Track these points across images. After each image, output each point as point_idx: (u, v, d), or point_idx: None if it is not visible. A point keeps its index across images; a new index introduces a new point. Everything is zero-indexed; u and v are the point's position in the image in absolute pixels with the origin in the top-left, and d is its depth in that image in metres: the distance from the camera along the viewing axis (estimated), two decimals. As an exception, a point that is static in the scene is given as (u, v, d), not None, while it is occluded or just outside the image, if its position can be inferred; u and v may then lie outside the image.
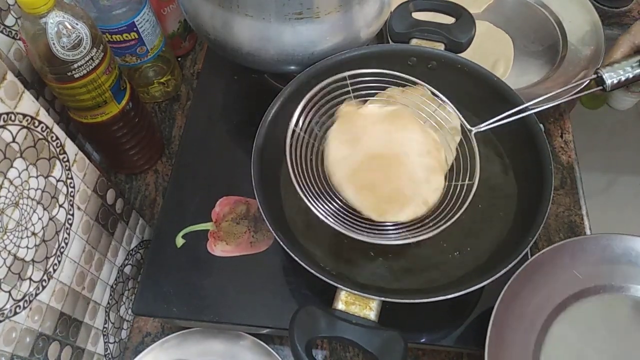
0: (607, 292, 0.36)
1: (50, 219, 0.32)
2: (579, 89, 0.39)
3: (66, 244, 0.34)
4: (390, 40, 0.42)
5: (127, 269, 0.43)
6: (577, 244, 0.36)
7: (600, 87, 0.36)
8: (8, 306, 0.29)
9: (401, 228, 0.32)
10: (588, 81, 0.38)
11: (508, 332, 0.33)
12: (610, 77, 0.35)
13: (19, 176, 0.29)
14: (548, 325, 0.34)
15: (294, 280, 0.37)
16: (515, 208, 0.36)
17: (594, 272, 0.36)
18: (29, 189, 0.30)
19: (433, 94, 0.35)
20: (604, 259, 0.36)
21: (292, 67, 0.39)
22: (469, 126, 0.34)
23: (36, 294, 0.31)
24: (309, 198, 0.31)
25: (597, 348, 0.34)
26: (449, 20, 0.41)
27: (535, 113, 0.35)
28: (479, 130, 0.34)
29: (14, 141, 0.28)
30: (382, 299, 0.29)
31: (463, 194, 0.32)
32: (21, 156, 0.29)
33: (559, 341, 0.34)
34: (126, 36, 0.45)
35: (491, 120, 0.34)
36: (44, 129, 0.31)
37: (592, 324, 0.35)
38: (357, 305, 0.29)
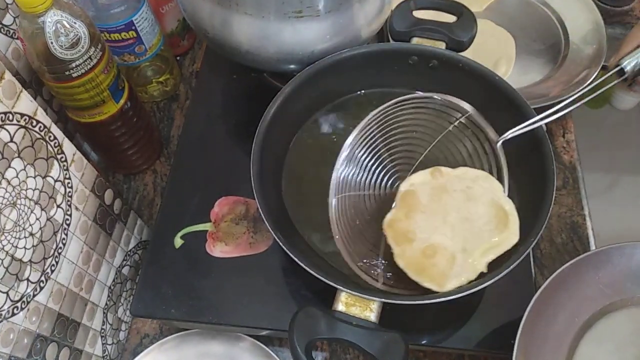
0: (635, 305, 0.33)
1: (48, 219, 0.31)
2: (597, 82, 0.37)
3: (64, 244, 0.33)
4: (391, 39, 0.41)
5: (125, 270, 0.43)
6: (601, 255, 0.34)
7: (623, 77, 0.36)
8: (6, 307, 0.28)
9: None
10: (609, 75, 0.37)
11: (534, 356, 0.31)
12: (630, 63, 0.35)
13: (17, 176, 0.29)
14: (575, 346, 0.32)
15: (294, 282, 0.37)
16: (517, 209, 0.35)
17: (619, 285, 0.33)
18: (26, 189, 0.30)
19: (449, 101, 0.34)
20: (630, 269, 0.33)
21: (292, 66, 0.39)
22: (493, 136, 0.33)
23: (34, 295, 0.31)
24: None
25: None
26: (450, 18, 0.41)
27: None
28: (505, 139, 0.32)
29: (11, 141, 0.28)
30: (383, 300, 0.29)
31: None
32: (19, 156, 0.29)
33: None
34: (124, 35, 0.45)
35: (516, 129, 0.32)
36: (41, 128, 0.31)
37: (621, 340, 0.32)
38: (357, 306, 0.29)
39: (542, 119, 0.33)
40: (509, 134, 0.33)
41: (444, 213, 0.31)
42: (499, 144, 0.33)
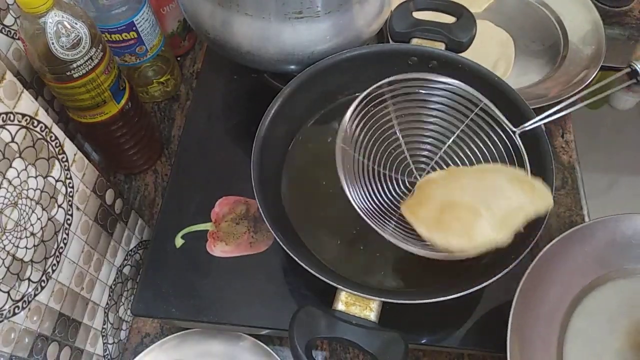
0: (622, 277, 0.33)
1: (49, 219, 0.32)
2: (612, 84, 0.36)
3: (65, 244, 0.33)
4: (390, 40, 0.41)
5: (126, 270, 0.43)
6: (585, 230, 0.34)
7: (634, 81, 0.35)
8: (7, 307, 0.28)
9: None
10: (621, 74, 0.36)
11: (528, 335, 0.31)
12: None
13: (18, 176, 0.29)
14: (567, 321, 0.33)
15: (294, 281, 0.37)
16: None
17: (605, 258, 0.34)
18: (27, 189, 0.30)
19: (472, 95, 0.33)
20: (614, 242, 0.34)
21: (292, 67, 0.39)
22: (512, 127, 0.32)
23: (35, 295, 0.31)
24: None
25: (619, 338, 0.32)
26: (449, 19, 0.41)
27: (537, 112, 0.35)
28: (524, 129, 0.32)
29: (12, 141, 0.28)
30: (383, 299, 0.29)
31: None
32: (20, 156, 0.29)
33: (580, 336, 0.32)
34: (125, 36, 0.45)
35: (537, 118, 0.32)
36: (43, 128, 0.31)
37: (611, 313, 0.33)
38: (357, 305, 0.29)
39: (565, 108, 0.32)
40: (530, 124, 0.33)
41: (461, 182, 0.29)
42: (518, 133, 0.32)
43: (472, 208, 0.28)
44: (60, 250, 0.33)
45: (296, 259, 0.30)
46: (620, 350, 0.32)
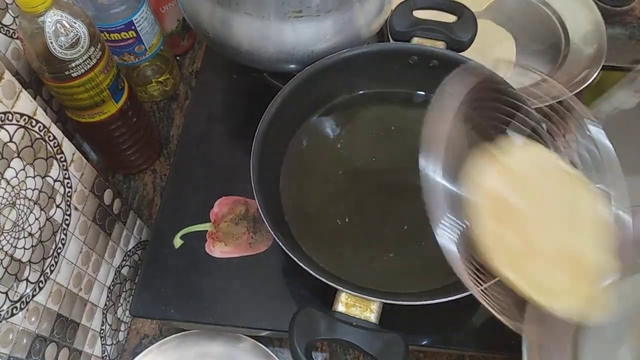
0: (637, 272, 0.32)
1: (47, 219, 0.31)
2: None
3: (63, 244, 0.33)
4: (391, 39, 0.41)
5: (125, 270, 0.42)
6: None
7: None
8: (5, 307, 0.28)
9: None
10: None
11: (542, 347, 0.30)
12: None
13: (16, 176, 0.29)
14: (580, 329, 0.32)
15: (294, 282, 0.37)
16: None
17: (618, 254, 0.32)
18: (26, 189, 0.29)
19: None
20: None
21: (292, 66, 0.39)
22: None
23: (33, 295, 0.31)
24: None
25: (634, 334, 0.32)
26: (450, 18, 0.41)
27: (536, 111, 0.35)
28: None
29: (11, 141, 0.28)
30: (383, 300, 0.29)
31: None
32: (18, 156, 0.29)
33: (596, 334, 0.31)
34: (124, 35, 0.45)
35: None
36: (41, 128, 0.31)
37: (626, 309, 0.32)
38: (357, 307, 0.29)
39: None
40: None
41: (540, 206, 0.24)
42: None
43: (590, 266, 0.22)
44: (59, 251, 0.33)
45: (296, 260, 0.30)
46: (636, 347, 0.32)
